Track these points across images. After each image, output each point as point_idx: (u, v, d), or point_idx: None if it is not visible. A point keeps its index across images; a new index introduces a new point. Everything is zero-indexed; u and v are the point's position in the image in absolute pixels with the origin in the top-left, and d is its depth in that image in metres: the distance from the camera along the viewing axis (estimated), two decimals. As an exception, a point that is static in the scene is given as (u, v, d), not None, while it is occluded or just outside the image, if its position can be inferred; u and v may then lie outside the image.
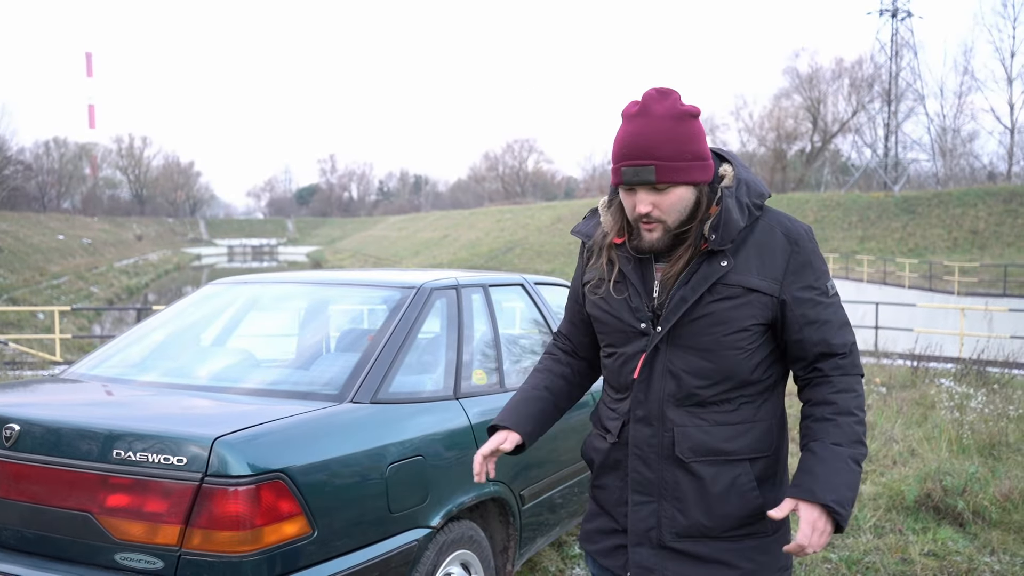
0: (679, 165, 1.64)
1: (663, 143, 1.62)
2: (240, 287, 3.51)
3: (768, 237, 1.71)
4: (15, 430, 2.24)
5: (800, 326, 1.71)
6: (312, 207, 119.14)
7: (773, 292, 1.70)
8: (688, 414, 1.72)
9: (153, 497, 2.07)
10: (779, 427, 1.81)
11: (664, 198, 1.66)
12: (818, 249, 1.76)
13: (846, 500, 1.60)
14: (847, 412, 1.67)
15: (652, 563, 1.76)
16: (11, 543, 2.26)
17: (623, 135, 1.66)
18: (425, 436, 2.60)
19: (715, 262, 1.68)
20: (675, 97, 1.67)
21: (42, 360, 12.59)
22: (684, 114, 1.65)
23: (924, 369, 9.28)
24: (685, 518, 1.73)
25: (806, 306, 1.71)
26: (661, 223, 1.69)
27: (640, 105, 1.66)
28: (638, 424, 1.76)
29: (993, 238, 34.12)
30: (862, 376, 1.75)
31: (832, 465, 1.62)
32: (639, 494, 1.77)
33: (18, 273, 35.90)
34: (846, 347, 1.73)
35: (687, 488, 1.73)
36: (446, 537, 2.62)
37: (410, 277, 3.18)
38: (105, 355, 3.09)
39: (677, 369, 1.72)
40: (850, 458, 1.64)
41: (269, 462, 2.09)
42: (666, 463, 1.74)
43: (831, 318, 1.72)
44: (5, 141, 64.69)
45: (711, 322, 1.69)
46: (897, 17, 51.41)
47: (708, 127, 71.82)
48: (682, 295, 1.69)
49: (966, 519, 4.34)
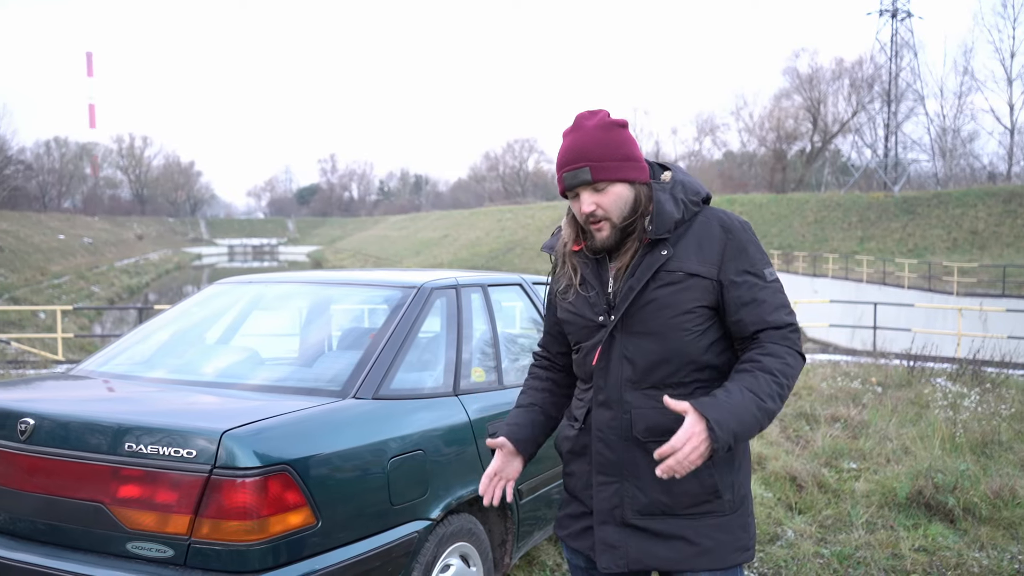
0: (610, 164, 1.83)
1: (594, 147, 1.83)
2: (244, 287, 3.59)
3: (705, 228, 1.87)
4: (30, 424, 2.32)
5: (737, 307, 1.84)
6: (312, 207, 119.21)
7: (712, 275, 1.84)
8: (645, 396, 1.85)
9: (163, 488, 2.15)
10: None
11: (604, 197, 1.85)
12: (755, 239, 1.90)
13: (727, 425, 1.66)
14: (767, 371, 1.76)
15: (616, 540, 1.87)
16: (26, 533, 2.34)
17: (561, 148, 1.88)
18: (425, 431, 2.68)
19: (656, 252, 1.84)
20: (603, 113, 1.88)
21: (44, 359, 12.67)
22: (611, 124, 1.86)
23: (920, 369, 9.35)
24: (645, 496, 1.85)
25: (742, 288, 1.83)
26: (607, 220, 1.86)
27: (573, 123, 1.89)
28: (600, 408, 1.90)
29: (993, 238, 34.19)
30: (799, 354, 1.83)
31: (733, 398, 1.71)
32: (603, 475, 1.89)
33: (19, 272, 35.99)
34: (782, 324, 1.83)
35: (645, 467, 1.83)
36: (446, 529, 2.70)
37: (411, 277, 3.26)
38: (113, 353, 3.16)
39: (631, 354, 1.86)
40: (754, 404, 1.72)
41: (275, 455, 2.17)
42: (626, 444, 1.87)
43: (767, 299, 1.84)
44: (6, 141, 64.74)
45: (657, 307, 1.83)
46: (897, 17, 51.52)
47: (708, 127, 71.90)
48: (630, 284, 1.84)
49: (957, 516, 4.42)
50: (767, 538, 4.24)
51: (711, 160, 74.22)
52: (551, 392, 2.12)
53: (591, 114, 1.88)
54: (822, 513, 4.57)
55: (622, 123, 1.88)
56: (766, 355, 1.80)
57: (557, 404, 2.12)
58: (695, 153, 74.29)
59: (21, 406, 2.42)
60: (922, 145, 54.72)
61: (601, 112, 1.89)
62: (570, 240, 1.96)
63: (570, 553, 2.05)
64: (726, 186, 63.38)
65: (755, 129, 66.66)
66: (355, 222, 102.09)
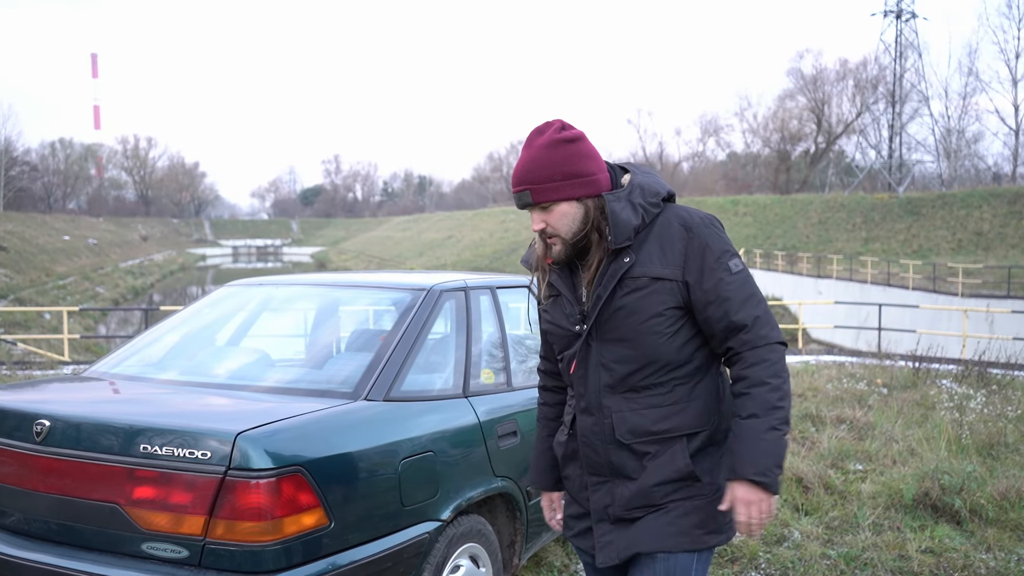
0: (551, 185, 1.85)
1: (536, 169, 1.85)
2: (254, 289, 3.61)
3: (666, 229, 1.88)
4: (45, 425, 2.34)
5: (703, 305, 1.85)
6: (316, 208, 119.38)
7: (676, 277, 1.85)
8: (624, 400, 1.90)
9: (178, 489, 2.17)
10: (716, 402, 1.93)
11: (550, 216, 1.88)
12: (717, 233, 1.89)
13: (767, 468, 1.76)
14: (759, 383, 1.80)
15: (610, 537, 1.94)
16: (41, 533, 2.37)
17: (515, 168, 1.91)
18: (435, 433, 2.70)
19: (619, 259, 1.87)
20: (554, 127, 1.88)
21: (50, 360, 12.71)
22: (559, 141, 1.86)
23: (926, 370, 9.34)
24: (628, 491, 1.91)
25: (706, 285, 1.84)
26: (557, 237, 1.90)
27: (527, 140, 1.90)
28: (582, 415, 1.96)
29: (997, 240, 34.13)
30: (777, 343, 1.84)
31: (749, 441, 1.78)
32: (594, 476, 1.96)
33: (24, 273, 36.09)
34: (748, 320, 1.83)
35: (630, 466, 1.90)
36: (455, 530, 2.71)
37: (420, 279, 3.28)
38: (125, 355, 3.19)
39: (607, 360, 1.90)
40: (768, 427, 1.78)
41: (289, 456, 2.19)
42: (610, 447, 1.92)
43: (732, 295, 1.84)
44: (11, 142, 64.98)
45: (626, 313, 1.86)
46: (901, 18, 51.41)
47: (712, 128, 71.80)
48: (597, 293, 1.88)
49: (963, 517, 4.43)
50: (774, 539, 4.25)
51: (715, 161, 74.17)
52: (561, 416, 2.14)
53: (541, 129, 1.89)
54: (829, 514, 4.57)
55: (571, 138, 1.86)
56: (749, 367, 1.83)
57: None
58: (699, 154, 74.26)
59: (37, 408, 2.44)
60: (926, 146, 54.64)
61: (553, 125, 1.88)
62: (541, 253, 1.99)
63: (577, 551, 2.11)
64: (730, 187, 63.38)
65: (759, 130, 66.62)
66: (359, 223, 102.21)
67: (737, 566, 3.92)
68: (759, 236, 42.29)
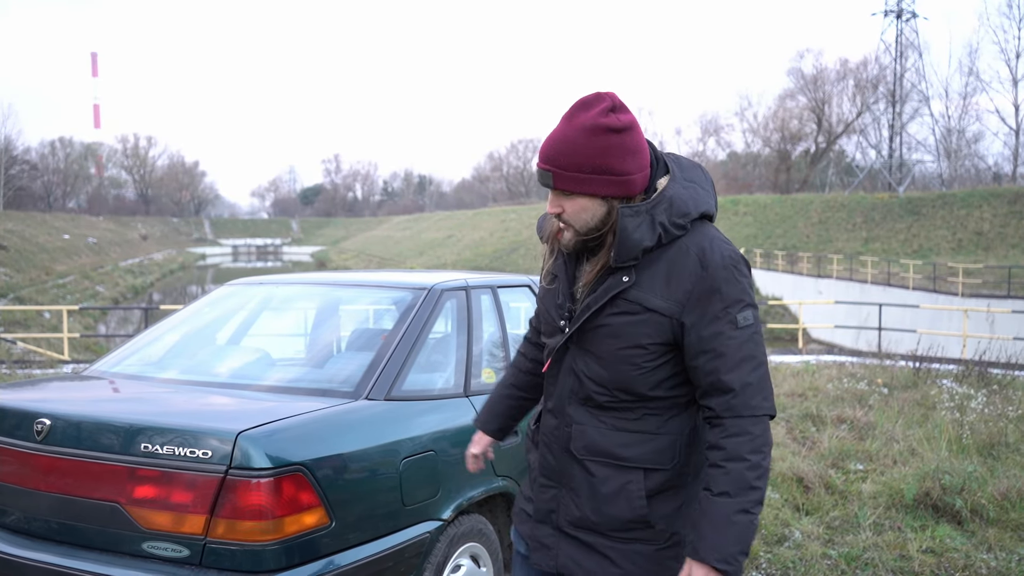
0: (577, 176, 1.64)
1: (566, 153, 1.64)
2: (254, 288, 3.61)
3: (681, 258, 1.68)
4: (46, 424, 2.33)
5: (695, 353, 1.67)
6: (316, 207, 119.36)
7: (673, 314, 1.67)
8: (589, 414, 1.77)
9: (179, 489, 2.17)
10: (686, 444, 1.76)
11: (568, 204, 1.69)
12: (737, 278, 1.68)
13: (732, 556, 1.60)
14: (737, 457, 1.63)
15: (550, 542, 1.86)
16: (42, 532, 2.36)
17: (547, 137, 1.70)
18: (437, 432, 2.70)
19: (617, 276, 1.70)
20: (601, 108, 1.64)
21: (50, 359, 12.70)
22: (602, 128, 1.62)
23: (926, 370, 9.34)
24: (577, 510, 1.80)
25: (704, 333, 1.66)
26: (570, 226, 1.72)
27: (570, 110, 1.67)
28: (548, 414, 1.87)
29: (998, 239, 34.12)
30: (765, 415, 1.66)
31: (717, 522, 1.61)
32: (545, 478, 1.87)
33: (24, 272, 36.09)
34: (737, 384, 1.64)
35: (581, 482, 1.79)
36: (456, 530, 2.71)
37: (421, 279, 3.27)
38: (126, 354, 3.18)
39: (579, 369, 1.77)
40: (739, 509, 1.61)
41: (289, 455, 2.19)
42: (565, 455, 1.81)
43: (728, 351, 1.65)
44: (11, 141, 64.98)
45: (607, 334, 1.71)
46: (902, 18, 51.38)
47: (712, 127, 71.78)
48: (587, 303, 1.73)
49: (964, 517, 4.42)
50: (774, 539, 4.24)
51: (715, 161, 74.13)
52: (533, 374, 2.09)
53: (588, 104, 1.65)
54: (829, 514, 4.57)
55: (618, 127, 1.63)
56: (728, 436, 1.64)
57: (538, 388, 2.07)
58: (699, 154, 74.20)
59: (37, 407, 2.44)
60: (927, 146, 54.64)
61: (602, 104, 1.64)
62: (555, 230, 1.79)
63: (515, 537, 2.01)
64: (730, 187, 63.35)
65: (759, 130, 66.61)
66: (359, 222, 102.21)
67: (738, 566, 3.91)
68: (759, 236, 42.29)
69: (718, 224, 20.35)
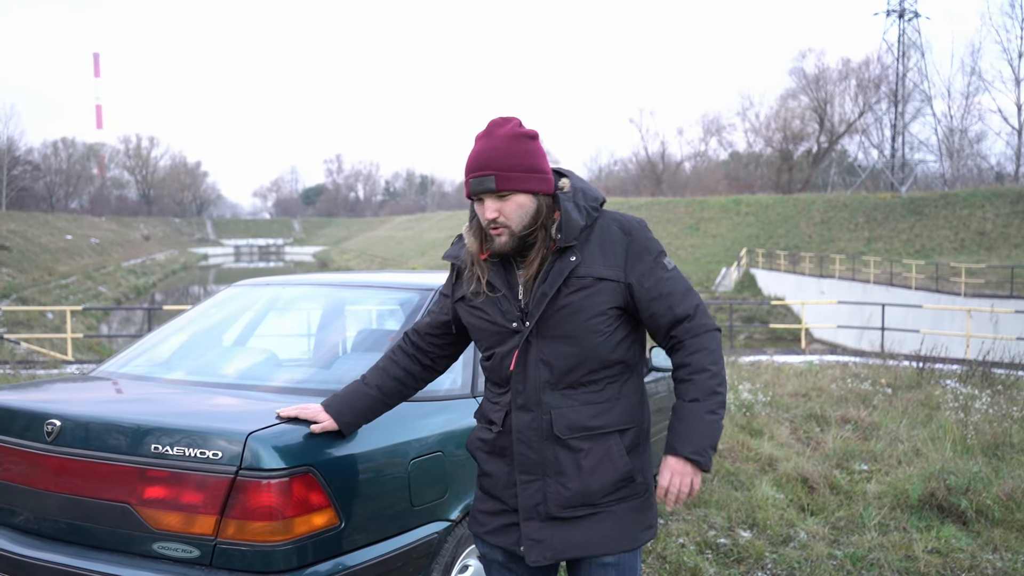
0: (514, 175, 1.90)
1: (501, 157, 1.90)
2: (260, 289, 3.61)
3: (607, 232, 1.97)
4: (56, 425, 2.34)
5: (648, 302, 1.97)
6: (318, 207, 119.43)
7: (619, 278, 1.95)
8: (562, 396, 1.96)
9: (189, 489, 2.17)
10: (640, 402, 2.06)
11: (506, 205, 1.92)
12: (651, 235, 2.01)
13: (703, 448, 1.91)
14: (700, 369, 1.95)
15: (541, 535, 1.98)
16: (52, 533, 2.37)
17: (471, 153, 1.94)
18: (444, 433, 2.70)
19: (566, 258, 1.93)
20: (515, 122, 1.94)
21: (54, 359, 12.72)
22: (521, 135, 1.93)
23: (930, 370, 9.34)
24: (567, 490, 1.96)
25: (649, 283, 1.96)
26: (507, 228, 1.93)
27: (485, 129, 1.95)
28: (519, 411, 1.99)
29: (1000, 239, 34.08)
30: (715, 330, 2.00)
31: (689, 422, 1.93)
32: (525, 474, 1.99)
33: (27, 273, 36.14)
34: (691, 309, 1.98)
35: (567, 463, 1.96)
36: (464, 530, 2.71)
37: (426, 279, 3.28)
38: (133, 354, 3.19)
39: (548, 357, 1.95)
40: (706, 411, 1.93)
41: (299, 456, 2.19)
42: (547, 443, 1.97)
43: (673, 290, 1.98)
44: (13, 142, 65.08)
45: (570, 311, 1.93)
46: (904, 18, 51.33)
47: (714, 127, 71.80)
48: (542, 291, 1.93)
49: (969, 518, 4.42)
50: (780, 539, 4.25)
51: (717, 161, 74.11)
52: (401, 382, 2.21)
53: (503, 121, 1.94)
54: (834, 515, 4.57)
55: (532, 134, 1.94)
56: (691, 354, 1.97)
57: (401, 395, 2.24)
58: (701, 154, 74.24)
59: (47, 408, 2.44)
60: (929, 146, 54.57)
61: (513, 120, 1.94)
62: (475, 249, 2.01)
63: (486, 548, 2.11)
64: (732, 187, 63.33)
65: (761, 129, 66.57)
66: (361, 223, 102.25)
67: (743, 566, 3.92)
68: (761, 236, 42.27)
69: (720, 224, 20.55)
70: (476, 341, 2.10)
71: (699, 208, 48.34)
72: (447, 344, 2.23)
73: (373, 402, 2.22)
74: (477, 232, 2.02)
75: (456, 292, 2.11)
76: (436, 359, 2.25)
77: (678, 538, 4.19)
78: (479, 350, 2.10)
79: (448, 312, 2.17)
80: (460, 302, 2.09)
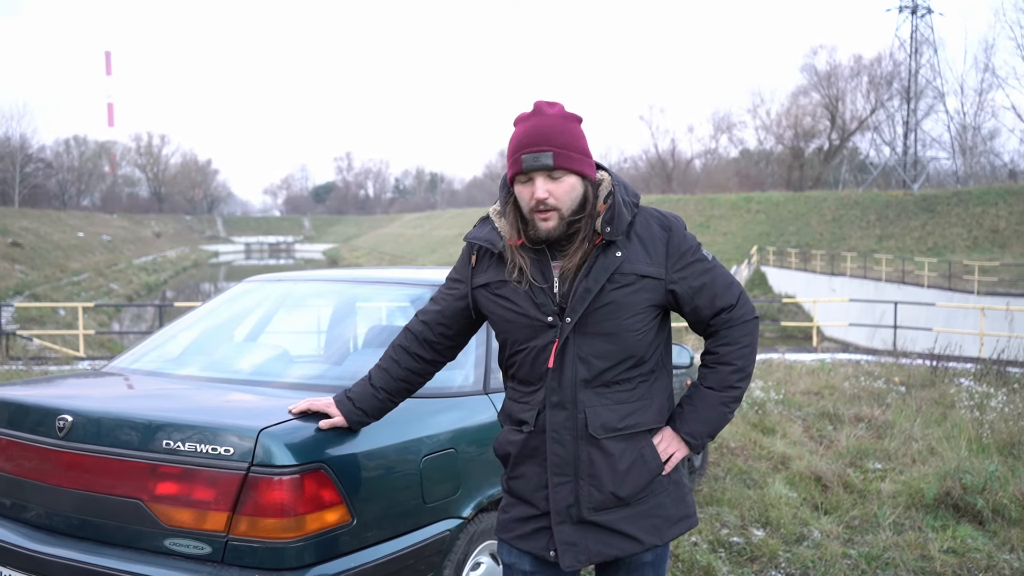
0: (572, 155, 1.84)
1: (558, 134, 1.83)
2: (272, 285, 3.60)
3: (647, 229, 1.92)
4: (68, 421, 2.33)
5: (691, 296, 1.94)
6: (328, 205, 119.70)
7: (661, 276, 1.91)
8: (596, 395, 1.90)
9: (201, 485, 2.16)
10: (669, 400, 2.02)
11: (558, 186, 1.84)
12: (686, 231, 1.97)
13: (700, 434, 1.96)
14: (725, 362, 1.96)
15: (575, 538, 1.91)
16: (64, 529, 2.36)
17: (521, 131, 1.85)
18: (457, 430, 2.68)
19: (611, 254, 1.87)
20: (561, 105, 1.89)
21: (66, 355, 12.79)
22: (571, 117, 1.88)
23: (944, 369, 9.26)
24: (600, 492, 1.90)
25: (694, 283, 1.93)
26: (556, 211, 1.84)
27: (533, 109, 1.88)
28: (554, 410, 1.91)
29: (1014, 237, 33.79)
30: (753, 319, 1.99)
31: (698, 407, 1.96)
32: (558, 475, 1.91)
33: (39, 270, 36.34)
34: (734, 299, 1.97)
35: (600, 465, 1.90)
36: (476, 528, 2.70)
37: (438, 275, 3.26)
38: (145, 350, 3.19)
39: (586, 354, 1.88)
40: (719, 402, 1.96)
41: (311, 453, 2.17)
42: (581, 443, 1.90)
43: (715, 281, 1.95)
44: (26, 140, 65.47)
45: (614, 308, 1.87)
46: (917, 14, 51.02)
47: (725, 124, 71.49)
48: (586, 286, 1.85)
49: (985, 517, 4.38)
50: (793, 538, 4.21)
51: (728, 158, 73.82)
52: (408, 383, 2.15)
53: (550, 103, 1.88)
54: (848, 514, 4.53)
55: (580, 118, 1.90)
56: (721, 344, 1.96)
57: (407, 392, 2.18)
58: (711, 151, 73.95)
59: (59, 403, 2.44)
60: (942, 143, 54.18)
61: (559, 104, 1.89)
62: (511, 234, 1.91)
63: (514, 556, 2.00)
64: (743, 184, 63.04)
65: (772, 127, 66.22)
66: (371, 220, 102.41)
67: (757, 565, 3.89)
68: (772, 233, 42.08)
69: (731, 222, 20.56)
70: (501, 333, 1.98)
71: (710, 206, 48.16)
72: (456, 334, 2.11)
73: (379, 403, 2.18)
74: (513, 218, 1.91)
75: (477, 278, 1.99)
76: (443, 350, 2.13)
77: (691, 537, 4.16)
78: (504, 343, 1.99)
79: (464, 297, 2.03)
80: (481, 289, 1.98)
